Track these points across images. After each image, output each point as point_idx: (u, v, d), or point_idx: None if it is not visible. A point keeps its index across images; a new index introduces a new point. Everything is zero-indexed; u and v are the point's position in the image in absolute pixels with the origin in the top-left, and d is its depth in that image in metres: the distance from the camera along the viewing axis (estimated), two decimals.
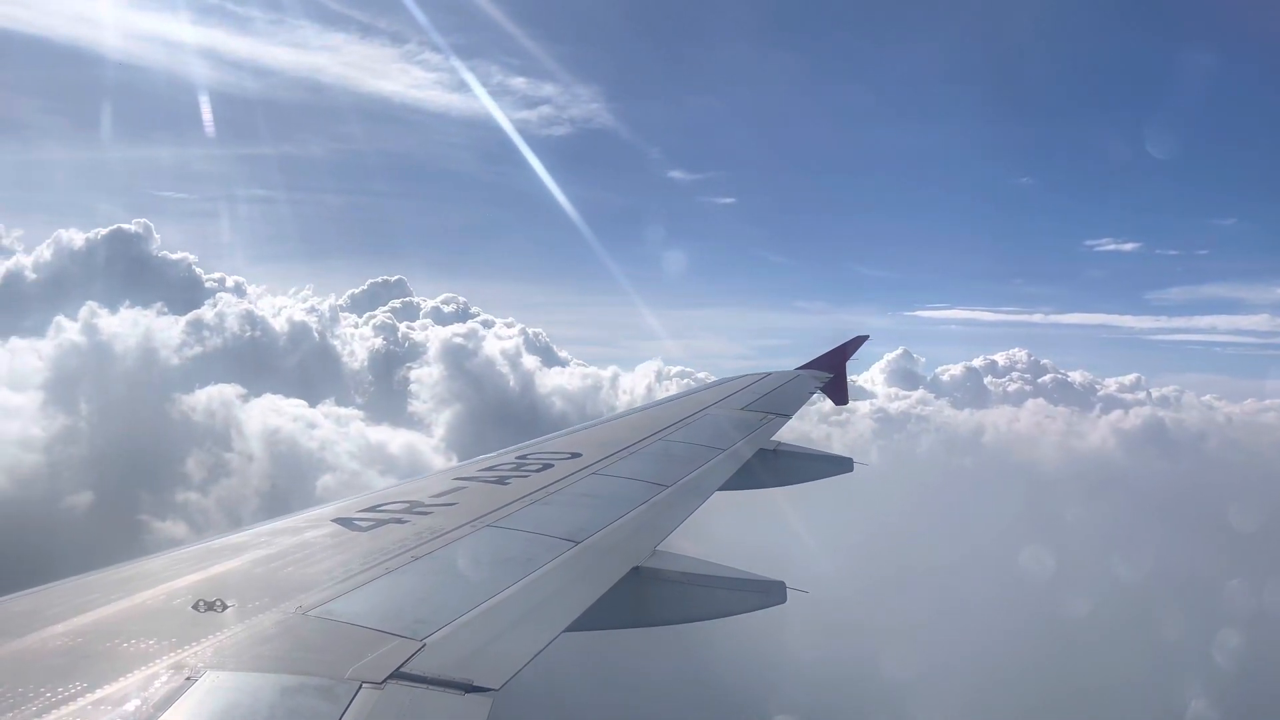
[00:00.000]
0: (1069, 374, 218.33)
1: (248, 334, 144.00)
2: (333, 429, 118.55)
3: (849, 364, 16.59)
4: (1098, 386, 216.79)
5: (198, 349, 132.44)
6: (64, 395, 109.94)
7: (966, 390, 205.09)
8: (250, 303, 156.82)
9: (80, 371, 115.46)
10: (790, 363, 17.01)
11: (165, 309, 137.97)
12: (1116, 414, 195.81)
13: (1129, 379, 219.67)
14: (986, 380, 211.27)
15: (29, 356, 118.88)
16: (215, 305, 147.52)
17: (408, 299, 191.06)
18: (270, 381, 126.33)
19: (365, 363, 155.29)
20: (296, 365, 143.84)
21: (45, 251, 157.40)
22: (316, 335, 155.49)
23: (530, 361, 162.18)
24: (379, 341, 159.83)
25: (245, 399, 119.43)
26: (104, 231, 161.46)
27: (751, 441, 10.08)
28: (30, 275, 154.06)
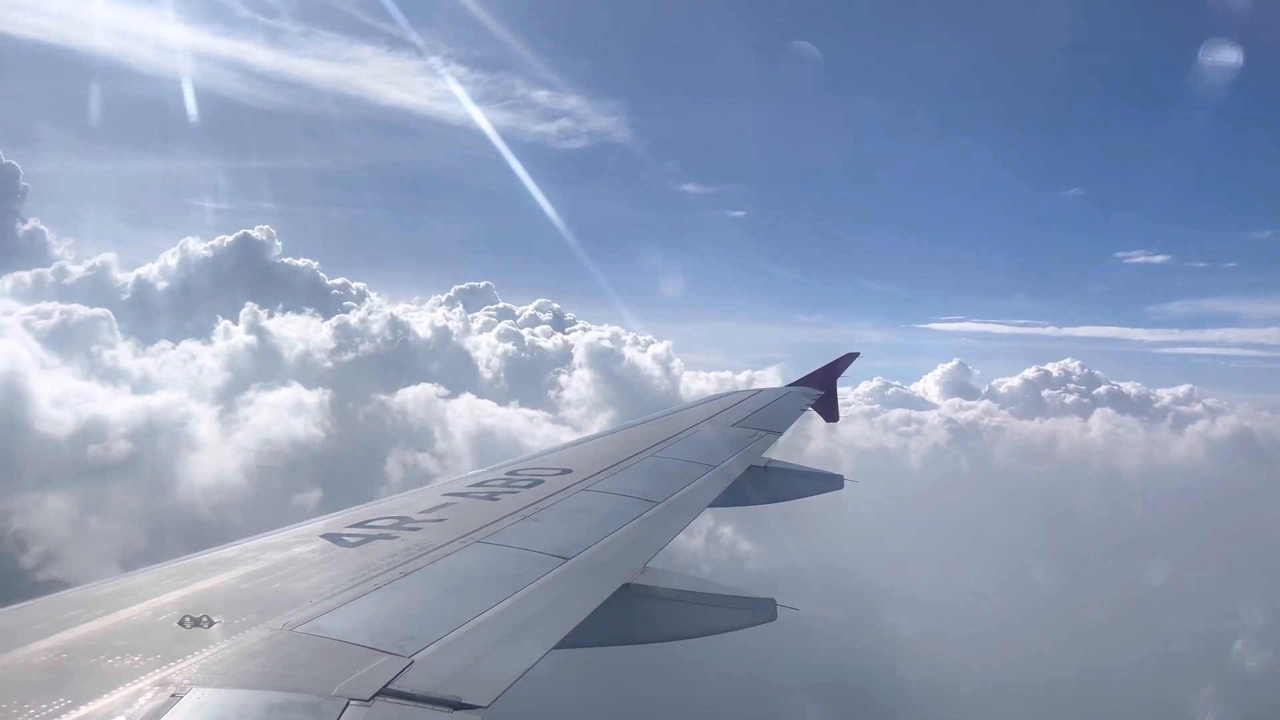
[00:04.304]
0: (1122, 385, 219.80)
1: (400, 338, 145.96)
2: (542, 431, 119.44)
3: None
4: (1153, 398, 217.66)
5: (350, 354, 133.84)
6: (251, 397, 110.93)
7: (1026, 401, 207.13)
8: (384, 309, 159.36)
9: (260, 373, 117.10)
10: (786, 379, 17.01)
11: (317, 313, 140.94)
12: (1203, 423, 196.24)
13: (1181, 390, 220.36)
14: (1044, 392, 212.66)
15: (204, 359, 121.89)
16: (361, 310, 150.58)
17: (498, 305, 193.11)
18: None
19: (501, 369, 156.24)
20: (440, 370, 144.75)
21: (171, 259, 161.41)
22: (455, 340, 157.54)
23: (677, 366, 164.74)
24: (509, 347, 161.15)
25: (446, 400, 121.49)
26: (229, 239, 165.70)
27: (742, 458, 10.09)
28: (160, 283, 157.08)
